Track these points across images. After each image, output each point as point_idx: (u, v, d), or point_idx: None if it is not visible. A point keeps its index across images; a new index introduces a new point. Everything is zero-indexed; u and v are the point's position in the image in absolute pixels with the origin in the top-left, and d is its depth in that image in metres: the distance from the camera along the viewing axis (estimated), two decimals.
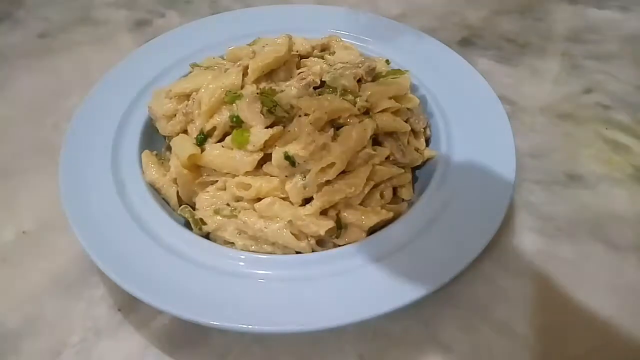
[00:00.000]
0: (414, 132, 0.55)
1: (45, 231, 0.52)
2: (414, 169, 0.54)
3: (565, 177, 0.57)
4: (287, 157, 0.46)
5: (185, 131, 0.53)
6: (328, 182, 0.47)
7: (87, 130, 0.53)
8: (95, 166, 0.50)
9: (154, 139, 0.56)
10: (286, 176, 0.48)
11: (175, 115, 0.54)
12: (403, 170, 0.51)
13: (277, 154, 0.47)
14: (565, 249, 0.51)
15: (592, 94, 0.68)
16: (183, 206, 0.50)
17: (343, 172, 0.47)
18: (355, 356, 0.44)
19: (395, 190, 0.52)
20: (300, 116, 0.49)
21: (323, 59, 0.56)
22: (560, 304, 0.47)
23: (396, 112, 0.53)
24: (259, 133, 0.48)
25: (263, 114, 0.48)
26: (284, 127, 0.49)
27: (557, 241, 0.51)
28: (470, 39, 0.75)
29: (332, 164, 0.46)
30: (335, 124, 0.49)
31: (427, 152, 0.54)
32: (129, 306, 0.46)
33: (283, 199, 0.48)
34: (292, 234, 0.46)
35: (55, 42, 0.75)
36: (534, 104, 0.66)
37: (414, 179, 0.54)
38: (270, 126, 0.49)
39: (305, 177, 0.47)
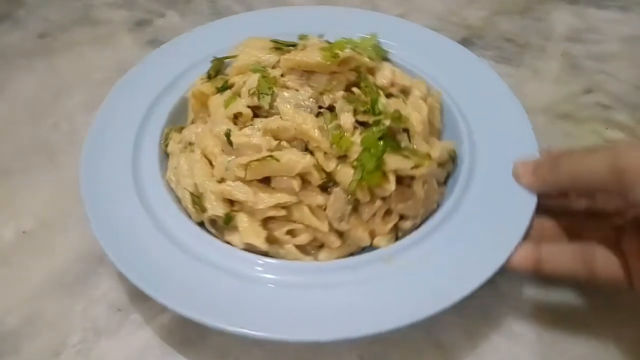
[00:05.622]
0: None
1: (45, 231, 0.52)
2: None
3: None
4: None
5: None
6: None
7: (108, 129, 0.52)
8: (115, 165, 0.49)
9: None
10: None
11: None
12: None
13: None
14: None
15: (592, 94, 0.67)
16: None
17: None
18: (355, 356, 0.44)
19: None
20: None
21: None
22: (561, 304, 0.47)
23: None
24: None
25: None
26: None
27: None
28: (470, 39, 0.75)
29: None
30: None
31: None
32: (129, 306, 0.46)
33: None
34: None
35: (55, 42, 0.75)
36: (534, 104, 0.66)
37: None
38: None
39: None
